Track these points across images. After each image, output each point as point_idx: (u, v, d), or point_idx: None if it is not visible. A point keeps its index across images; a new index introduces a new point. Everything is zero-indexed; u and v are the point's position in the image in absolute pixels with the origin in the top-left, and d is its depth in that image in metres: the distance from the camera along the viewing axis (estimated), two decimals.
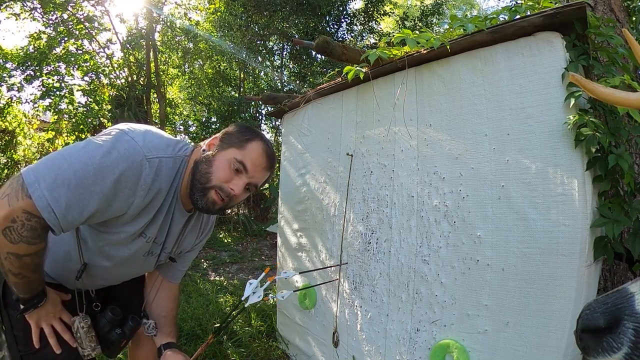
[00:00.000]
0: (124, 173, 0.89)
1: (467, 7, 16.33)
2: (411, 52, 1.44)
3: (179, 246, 1.25)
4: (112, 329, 1.14)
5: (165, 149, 1.01)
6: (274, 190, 3.55)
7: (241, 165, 1.06)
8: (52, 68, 6.35)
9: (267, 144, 1.14)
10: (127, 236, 1.04)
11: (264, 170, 1.12)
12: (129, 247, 1.09)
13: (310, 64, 7.31)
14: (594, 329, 0.60)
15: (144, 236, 1.09)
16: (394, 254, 1.54)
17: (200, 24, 8.09)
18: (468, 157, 1.31)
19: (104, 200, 0.89)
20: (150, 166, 0.94)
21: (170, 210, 1.12)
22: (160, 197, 1.03)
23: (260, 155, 1.10)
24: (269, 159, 1.12)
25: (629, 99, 0.72)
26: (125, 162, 0.89)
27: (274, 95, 2.37)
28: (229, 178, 1.05)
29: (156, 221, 1.08)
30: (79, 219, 0.88)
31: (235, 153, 1.06)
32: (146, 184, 0.95)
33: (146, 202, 0.99)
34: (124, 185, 0.91)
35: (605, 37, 1.17)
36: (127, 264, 1.16)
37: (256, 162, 1.09)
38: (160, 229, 1.13)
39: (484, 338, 1.23)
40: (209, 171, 1.05)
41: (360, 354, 1.66)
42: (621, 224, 1.05)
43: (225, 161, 1.06)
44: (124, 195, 0.92)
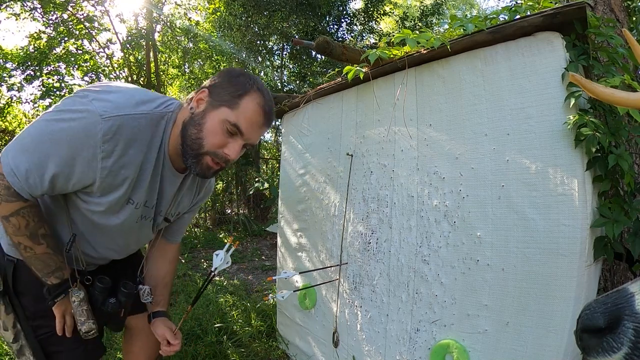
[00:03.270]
0: (76, 134, 0.85)
1: (467, 7, 16.33)
2: (411, 52, 1.44)
3: (176, 208, 1.17)
4: (106, 300, 1.07)
5: (134, 106, 0.92)
6: (274, 190, 3.55)
7: (235, 128, 0.96)
8: (52, 68, 6.35)
9: (264, 95, 0.99)
10: (112, 205, 0.99)
11: (261, 127, 1.01)
12: (117, 216, 1.03)
13: (310, 64, 7.31)
14: (594, 329, 0.60)
15: (132, 202, 1.02)
16: (394, 254, 1.54)
17: (200, 24, 8.09)
18: (468, 157, 1.31)
19: (62, 164, 0.88)
20: (109, 127, 0.86)
21: (157, 172, 1.03)
22: (135, 159, 0.95)
23: (256, 112, 0.97)
24: (266, 115, 1.00)
25: (629, 99, 0.72)
26: (78, 123, 0.85)
27: (274, 95, 2.37)
28: (222, 143, 0.97)
29: (141, 185, 1.01)
30: (40, 182, 0.89)
31: (228, 113, 0.95)
32: (104, 145, 0.87)
33: (117, 165, 0.92)
34: (79, 147, 0.86)
35: (605, 37, 1.17)
36: (123, 233, 1.10)
37: (252, 121, 0.97)
38: (149, 193, 1.05)
39: (484, 338, 1.23)
40: (199, 136, 0.96)
41: (360, 354, 1.66)
42: (621, 224, 1.05)
43: (216, 124, 0.95)
44: (83, 158, 0.88)
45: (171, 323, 1.25)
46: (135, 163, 0.96)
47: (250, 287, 3.58)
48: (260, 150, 8.69)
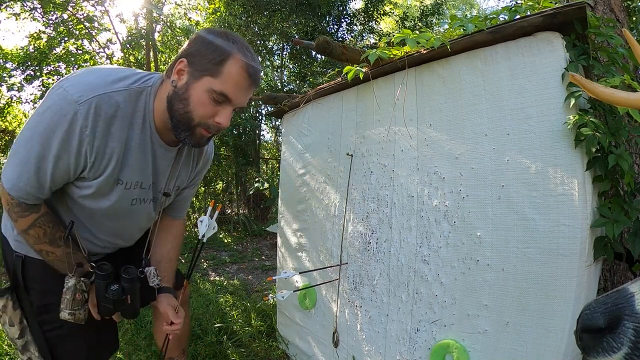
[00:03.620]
0: (59, 128, 0.86)
1: (467, 7, 16.33)
2: (411, 52, 1.44)
3: (174, 182, 1.16)
4: (108, 287, 1.03)
5: (109, 84, 0.91)
6: (274, 190, 3.55)
7: (222, 96, 0.93)
8: (52, 68, 6.35)
9: (246, 55, 0.94)
10: (101, 186, 0.98)
11: (249, 89, 0.97)
12: (108, 198, 1.02)
13: (310, 64, 7.31)
14: (594, 329, 0.60)
15: (121, 183, 1.00)
16: (394, 254, 1.54)
17: (200, 24, 8.09)
18: (468, 157, 1.31)
19: (57, 159, 0.89)
20: (86, 109, 0.86)
21: (144, 148, 1.01)
22: (119, 136, 0.94)
23: (240, 76, 0.93)
24: (251, 76, 0.95)
25: (629, 99, 0.72)
26: (58, 115, 0.86)
27: (274, 95, 2.37)
28: (212, 112, 0.95)
29: (128, 163, 0.99)
30: (44, 184, 0.92)
31: (212, 82, 0.92)
32: (87, 127, 0.88)
33: (102, 145, 0.92)
34: (65, 138, 0.88)
35: (605, 37, 1.17)
36: (117, 217, 1.08)
37: (238, 86, 0.94)
38: (140, 172, 1.03)
39: (484, 338, 1.23)
40: (187, 110, 0.94)
41: (360, 354, 1.66)
42: (621, 224, 1.05)
43: (202, 94, 0.93)
44: (73, 147, 0.89)
45: (174, 300, 1.22)
46: (119, 140, 0.95)
47: (250, 287, 3.58)
48: (260, 150, 8.69)
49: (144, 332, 2.30)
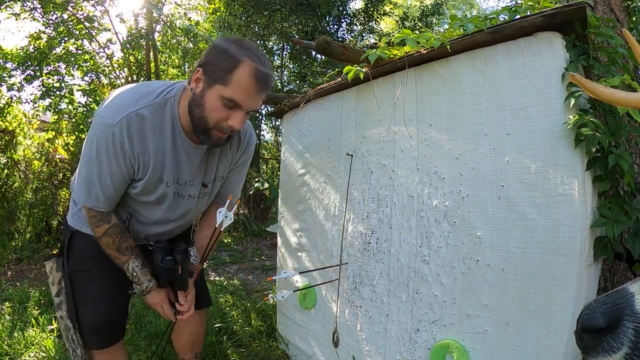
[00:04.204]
0: (106, 149, 1.07)
1: (467, 7, 16.33)
2: (411, 52, 1.44)
3: (214, 173, 1.30)
4: (163, 258, 1.23)
5: (136, 102, 1.08)
6: (274, 190, 3.54)
7: (232, 102, 1.02)
8: (52, 68, 6.34)
9: (255, 62, 1.01)
10: (145, 186, 1.17)
11: (258, 94, 1.05)
12: (153, 194, 1.21)
13: (310, 64, 7.30)
14: (594, 329, 0.60)
15: (162, 181, 1.19)
16: (394, 254, 1.54)
17: (200, 24, 8.09)
18: (468, 157, 1.31)
19: (113, 173, 1.10)
20: (120, 127, 1.05)
21: (178, 150, 1.17)
22: (153, 145, 1.11)
23: (249, 83, 1.01)
24: (260, 83, 1.03)
25: (629, 99, 0.72)
26: (101, 139, 1.06)
27: (274, 95, 2.37)
28: (224, 117, 1.05)
29: (166, 165, 1.16)
30: (110, 193, 1.14)
31: (222, 90, 1.01)
32: (124, 142, 1.06)
33: (141, 154, 1.11)
34: (112, 156, 1.08)
35: (605, 37, 1.17)
36: (162, 209, 1.26)
37: (247, 92, 1.02)
38: (176, 171, 1.20)
39: (484, 338, 1.23)
40: (203, 115, 1.05)
41: (360, 353, 1.66)
42: (621, 224, 1.05)
43: (214, 101, 1.03)
44: (120, 161, 1.09)
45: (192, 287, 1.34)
46: (154, 147, 1.12)
47: (250, 287, 3.58)
48: (260, 150, 8.69)
49: (144, 332, 2.30)
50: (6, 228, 5.04)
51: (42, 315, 2.51)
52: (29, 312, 2.68)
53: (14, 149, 5.61)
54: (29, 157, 5.81)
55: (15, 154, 5.58)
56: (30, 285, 3.45)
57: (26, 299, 2.96)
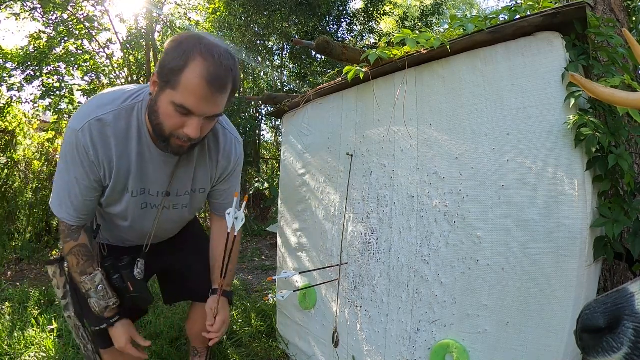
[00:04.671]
0: (72, 155, 1.03)
1: (467, 7, 16.33)
2: (411, 52, 1.44)
3: (194, 185, 1.22)
4: (111, 277, 1.18)
5: (102, 107, 1.03)
6: (274, 190, 3.54)
7: (183, 109, 0.91)
8: (52, 68, 6.34)
9: (208, 59, 0.88)
10: (111, 194, 1.12)
11: (213, 98, 0.91)
12: (120, 204, 1.16)
13: (310, 64, 7.30)
14: (594, 329, 0.60)
15: (127, 191, 1.13)
16: (394, 254, 1.54)
17: (200, 24, 8.08)
18: (468, 157, 1.31)
19: (79, 181, 1.06)
20: (83, 133, 1.01)
21: (144, 159, 1.08)
22: (117, 151, 1.05)
23: (199, 86, 0.88)
24: (214, 85, 0.89)
25: (629, 99, 0.72)
26: (68, 146, 1.04)
27: (274, 95, 2.37)
28: (180, 124, 0.95)
29: (131, 174, 1.10)
30: (77, 206, 1.09)
31: (172, 95, 0.90)
32: (89, 148, 1.02)
33: (106, 161, 1.06)
34: (78, 161, 1.04)
35: (605, 37, 1.17)
36: (134, 219, 1.22)
37: (198, 96, 0.89)
38: (143, 180, 1.12)
39: (484, 338, 1.23)
40: (158, 122, 0.97)
41: (360, 353, 1.66)
42: (621, 224, 1.05)
43: (167, 107, 0.93)
44: (86, 167, 1.05)
45: (214, 304, 1.25)
46: (118, 154, 1.06)
47: (250, 287, 3.58)
48: (260, 150, 8.68)
49: (144, 332, 2.30)
50: (6, 228, 5.04)
51: (42, 315, 2.51)
52: (29, 312, 2.68)
53: (14, 149, 5.61)
54: (29, 157, 5.81)
55: (15, 154, 5.58)
56: (30, 285, 3.45)
57: (26, 299, 2.96)
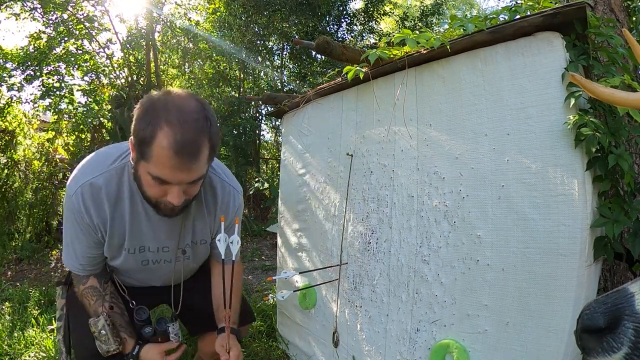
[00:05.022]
0: (69, 217, 1.10)
1: (467, 7, 16.33)
2: (411, 52, 1.44)
3: (192, 236, 1.22)
4: (142, 329, 1.22)
5: (93, 170, 1.07)
6: (274, 190, 3.55)
7: (159, 180, 0.91)
8: (52, 68, 6.33)
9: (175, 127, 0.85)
10: (108, 251, 1.16)
11: (185, 165, 0.88)
12: (117, 260, 1.20)
13: (310, 64, 7.30)
14: (594, 329, 0.60)
15: (125, 249, 1.16)
16: (394, 254, 1.54)
17: (200, 24, 8.08)
18: (468, 157, 1.31)
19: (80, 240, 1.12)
20: (76, 198, 1.05)
21: (139, 217, 1.12)
22: (110, 212, 1.09)
23: (169, 158, 0.86)
24: (183, 154, 0.86)
25: (629, 99, 0.72)
26: (67, 210, 1.10)
27: (274, 95, 2.37)
28: (162, 193, 0.95)
29: (127, 233, 1.14)
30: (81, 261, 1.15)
31: (147, 167, 0.90)
32: (82, 212, 1.06)
33: (100, 222, 1.09)
34: (75, 223, 1.09)
35: (605, 37, 1.17)
36: (136, 272, 1.25)
37: (171, 167, 0.88)
38: (140, 238, 1.16)
39: (484, 338, 1.23)
40: (142, 189, 0.98)
41: (360, 353, 1.66)
42: (621, 224, 1.05)
43: (145, 177, 0.93)
44: (84, 228, 1.09)
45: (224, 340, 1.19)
46: (112, 215, 1.09)
47: (250, 287, 3.58)
48: (260, 150, 8.68)
49: None
50: (6, 228, 5.04)
51: (42, 315, 2.51)
52: (29, 312, 2.68)
53: (14, 149, 5.61)
54: (29, 157, 5.81)
55: (15, 154, 5.58)
56: (30, 285, 3.45)
57: (26, 299, 2.96)
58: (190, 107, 0.90)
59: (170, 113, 0.86)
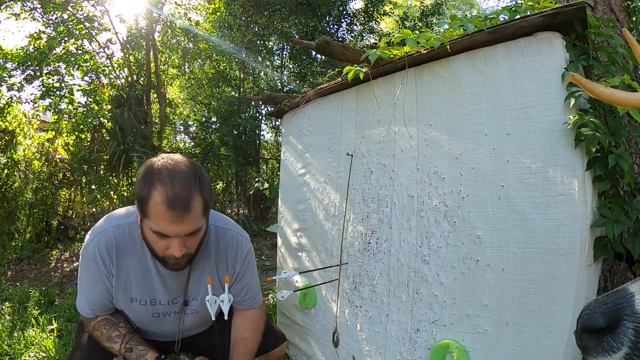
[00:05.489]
0: (88, 265, 1.16)
1: (467, 7, 16.32)
2: (411, 52, 1.44)
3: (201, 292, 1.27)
4: None
5: (109, 223, 1.17)
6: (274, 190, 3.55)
7: (159, 234, 1.01)
8: (52, 68, 6.33)
9: (165, 185, 0.96)
10: (117, 303, 1.21)
11: (180, 218, 0.98)
12: (128, 311, 1.24)
13: (310, 64, 7.30)
14: (594, 329, 0.60)
15: (134, 300, 1.21)
16: (394, 254, 1.54)
17: (200, 24, 8.08)
18: (468, 157, 1.31)
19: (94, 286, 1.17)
20: (93, 247, 1.14)
21: (149, 272, 1.19)
22: (120, 264, 1.16)
23: (164, 213, 0.96)
24: (176, 208, 0.96)
25: (629, 99, 0.72)
26: (85, 257, 1.16)
27: (274, 95, 2.37)
28: (163, 247, 1.05)
29: (133, 285, 1.18)
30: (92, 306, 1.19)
31: (149, 223, 1.01)
32: (98, 260, 1.14)
33: (111, 268, 1.15)
34: (94, 270, 1.15)
35: (605, 37, 1.17)
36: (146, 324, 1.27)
37: (167, 221, 0.97)
38: (149, 292, 1.20)
39: (484, 338, 1.23)
40: (149, 246, 1.08)
41: (360, 353, 1.66)
42: (621, 224, 1.05)
43: (149, 233, 1.03)
44: (99, 275, 1.15)
45: None
46: (124, 267, 1.16)
47: None
48: (260, 150, 8.69)
49: None
50: (6, 228, 5.04)
51: (42, 315, 2.51)
52: (29, 312, 2.68)
53: (14, 149, 5.61)
54: (29, 157, 5.82)
55: (15, 154, 5.59)
56: (30, 285, 3.45)
57: (26, 299, 2.96)
58: (181, 168, 1.02)
59: (162, 174, 0.99)
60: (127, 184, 6.20)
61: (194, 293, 1.26)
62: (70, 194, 6.26)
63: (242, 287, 1.33)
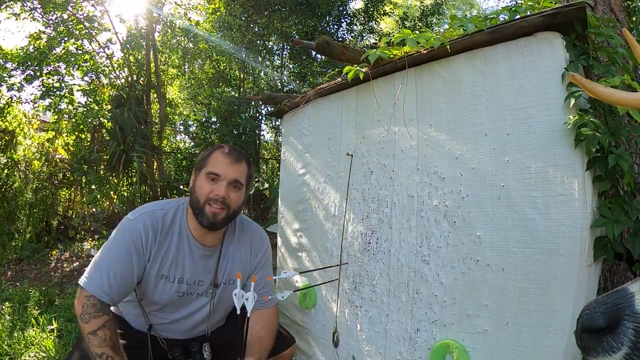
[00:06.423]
0: (124, 238, 1.21)
1: (467, 7, 16.32)
2: (411, 52, 1.44)
3: (223, 276, 1.38)
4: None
5: (153, 207, 1.30)
6: (274, 190, 3.54)
7: (212, 174, 1.24)
8: (52, 68, 6.33)
9: (226, 147, 1.30)
10: (151, 279, 1.26)
11: (233, 164, 1.26)
12: (156, 288, 1.28)
13: (310, 64, 7.30)
14: (594, 329, 0.60)
15: (164, 277, 1.27)
16: (394, 254, 1.54)
17: (200, 24, 8.08)
18: (468, 157, 1.31)
19: (124, 261, 1.20)
20: (138, 222, 1.23)
21: (184, 251, 1.29)
22: (159, 241, 1.25)
23: (222, 156, 1.26)
24: (231, 155, 1.27)
25: (628, 99, 0.72)
26: (122, 230, 1.23)
27: (274, 95, 2.37)
28: (209, 189, 1.24)
29: (167, 261, 1.27)
30: (112, 283, 1.17)
31: (205, 170, 1.26)
32: (141, 234, 1.22)
33: (151, 246, 1.23)
34: (127, 245, 1.20)
35: (605, 37, 1.17)
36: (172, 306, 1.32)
37: (222, 163, 1.25)
38: (181, 270, 1.29)
39: (484, 338, 1.23)
40: (195, 196, 1.26)
41: (360, 353, 1.66)
42: (621, 224, 1.05)
43: (201, 180, 1.26)
44: (134, 250, 1.21)
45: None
46: (162, 245, 1.25)
47: None
48: (260, 150, 8.68)
49: None
50: (6, 228, 5.04)
51: (42, 315, 2.51)
52: (29, 312, 2.68)
53: (14, 149, 5.61)
54: (29, 157, 5.81)
55: (15, 154, 5.59)
56: (30, 285, 3.45)
57: (26, 299, 2.96)
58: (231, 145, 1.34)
59: (222, 145, 1.31)
60: (127, 184, 6.20)
61: (219, 277, 1.36)
62: (70, 194, 6.26)
63: (261, 279, 1.43)
